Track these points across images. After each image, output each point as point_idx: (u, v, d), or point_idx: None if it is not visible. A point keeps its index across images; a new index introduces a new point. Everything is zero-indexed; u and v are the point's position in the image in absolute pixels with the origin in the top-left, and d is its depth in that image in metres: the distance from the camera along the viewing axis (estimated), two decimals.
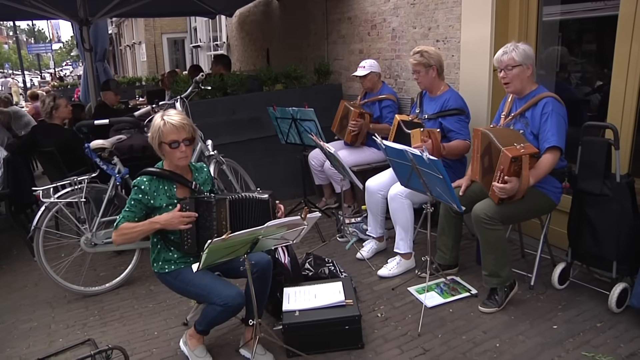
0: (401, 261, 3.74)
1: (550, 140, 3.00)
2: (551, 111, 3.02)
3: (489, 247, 3.13)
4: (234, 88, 5.35)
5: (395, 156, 3.23)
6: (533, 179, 2.96)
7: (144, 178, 2.68)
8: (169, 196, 2.70)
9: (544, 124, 3.04)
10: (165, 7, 8.14)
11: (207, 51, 13.27)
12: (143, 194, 2.65)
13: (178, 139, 2.63)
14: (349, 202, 5.02)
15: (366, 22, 5.58)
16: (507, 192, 2.93)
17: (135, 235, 2.63)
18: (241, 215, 2.72)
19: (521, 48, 3.10)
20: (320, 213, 4.94)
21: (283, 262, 3.31)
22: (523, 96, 3.21)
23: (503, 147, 2.89)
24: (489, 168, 3.07)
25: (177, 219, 2.61)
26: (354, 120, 4.57)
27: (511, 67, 3.11)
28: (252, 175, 4.82)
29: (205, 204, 2.67)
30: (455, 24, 4.36)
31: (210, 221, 2.66)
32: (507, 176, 2.89)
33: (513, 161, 2.85)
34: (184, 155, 2.66)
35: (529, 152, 2.89)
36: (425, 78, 3.82)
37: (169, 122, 2.62)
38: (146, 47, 20.51)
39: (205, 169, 2.94)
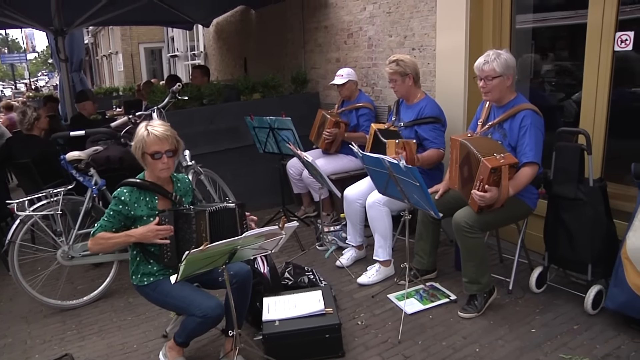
0: (380, 268, 3.75)
1: (528, 156, 3.04)
2: (530, 125, 3.05)
3: (470, 255, 3.15)
4: (211, 98, 5.33)
5: (372, 164, 3.24)
6: (512, 190, 3.00)
7: (124, 189, 2.67)
8: (150, 207, 2.68)
9: (522, 137, 3.07)
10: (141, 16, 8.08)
11: (184, 61, 13.22)
12: (123, 205, 2.63)
13: (160, 150, 2.62)
14: (327, 211, 5.04)
15: (343, 31, 5.62)
16: (486, 201, 2.95)
17: (110, 246, 2.64)
18: (221, 226, 2.71)
19: (503, 58, 3.09)
20: (299, 222, 4.98)
21: (262, 272, 3.30)
22: (502, 105, 3.23)
23: (482, 157, 2.91)
24: (468, 178, 3.09)
25: (153, 232, 2.60)
26: (328, 128, 4.60)
27: (491, 78, 3.11)
28: (230, 185, 4.81)
29: (185, 217, 2.66)
30: (430, 32, 4.41)
31: (190, 233, 2.65)
32: (487, 186, 2.91)
33: (493, 172, 2.87)
34: (166, 167, 2.65)
35: (509, 163, 2.92)
36: (401, 87, 3.85)
37: (152, 133, 2.61)
38: (123, 57, 20.38)
39: (186, 180, 2.93)
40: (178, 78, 8.08)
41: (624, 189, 3.45)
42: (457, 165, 3.19)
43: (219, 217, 2.71)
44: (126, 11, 6.52)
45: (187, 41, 12.81)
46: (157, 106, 4.42)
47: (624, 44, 3.21)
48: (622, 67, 3.39)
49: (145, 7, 6.51)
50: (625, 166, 3.02)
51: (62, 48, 6.60)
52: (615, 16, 3.26)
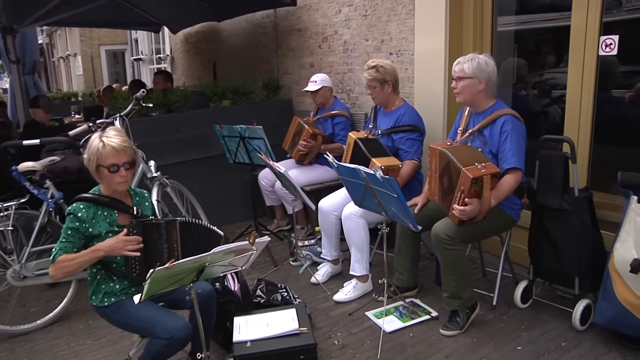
0: (357, 284, 3.77)
1: (510, 162, 3.07)
2: (510, 130, 3.10)
3: (450, 268, 3.18)
4: (178, 105, 5.31)
5: (348, 175, 3.26)
6: (495, 200, 3.03)
7: (80, 204, 2.62)
8: (109, 223, 2.65)
9: (503, 143, 3.12)
10: (103, 17, 7.89)
11: (149, 65, 13.12)
12: (80, 222, 2.59)
13: (118, 163, 2.58)
14: (301, 224, 5.04)
15: (317, 35, 5.67)
16: (467, 214, 2.98)
17: (76, 267, 2.55)
18: (192, 240, 2.70)
19: (476, 61, 3.17)
20: (272, 236, 4.97)
21: (232, 290, 3.29)
22: (481, 111, 3.29)
23: (463, 167, 2.93)
24: (448, 189, 3.11)
25: (122, 243, 2.55)
26: (305, 140, 4.61)
27: (460, 79, 3.21)
28: (198, 198, 4.78)
29: (155, 227, 2.64)
30: (408, 36, 4.47)
31: (160, 244, 2.63)
32: (468, 197, 2.94)
33: (474, 182, 2.89)
34: (124, 180, 2.62)
35: (490, 172, 2.94)
36: (380, 94, 3.89)
37: (108, 144, 2.57)
38: (82, 60, 20.06)
39: (145, 194, 2.90)
40: (142, 83, 8.02)
41: (611, 198, 3.51)
42: (436, 176, 3.22)
43: (191, 229, 2.70)
44: (85, 11, 6.36)
45: (152, 44, 12.73)
46: (120, 113, 4.38)
47: (609, 48, 3.29)
48: (607, 72, 3.46)
49: (106, 7, 6.40)
50: (611, 174, 3.07)
51: (13, 48, 6.42)
52: (599, 19, 3.33)
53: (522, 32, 4.33)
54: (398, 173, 3.64)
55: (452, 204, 3.04)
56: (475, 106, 3.31)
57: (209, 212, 4.78)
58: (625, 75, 3.67)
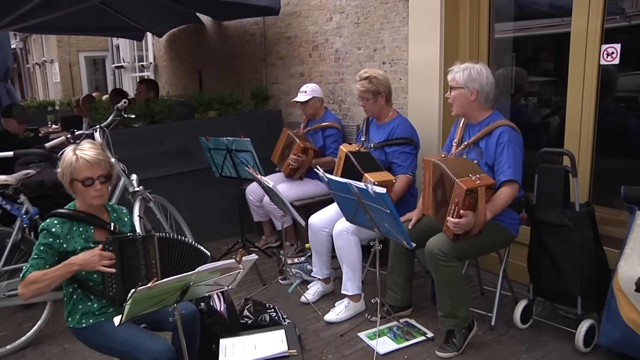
0: (350, 304, 3.78)
1: (506, 174, 3.11)
2: (507, 141, 3.14)
3: (445, 286, 3.19)
4: (161, 115, 5.31)
5: (339, 190, 3.29)
6: (490, 213, 3.05)
7: (54, 220, 2.63)
8: (84, 239, 2.65)
9: (499, 155, 3.16)
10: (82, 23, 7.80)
11: (131, 72, 13.13)
12: (54, 238, 2.59)
13: (92, 176, 2.61)
14: (291, 241, 5.05)
15: (307, 43, 5.71)
16: (462, 227, 3.00)
17: (48, 284, 2.53)
18: (172, 257, 2.71)
19: (469, 71, 3.22)
20: (260, 253, 4.97)
21: (218, 310, 3.29)
22: (476, 123, 3.33)
23: (457, 178, 2.96)
24: (442, 202, 3.13)
25: (97, 257, 2.56)
26: (295, 154, 4.63)
27: (452, 89, 3.27)
28: (183, 213, 4.78)
29: (132, 242, 2.65)
30: (402, 45, 4.52)
31: (138, 261, 2.64)
32: (462, 210, 2.96)
33: (468, 194, 2.92)
34: (99, 194, 2.64)
35: (485, 184, 2.97)
36: (373, 106, 3.92)
37: (82, 157, 2.60)
38: (60, 66, 19.94)
39: (124, 210, 2.91)
40: (124, 93, 8.02)
41: (614, 214, 3.53)
42: (430, 188, 3.25)
43: (170, 245, 2.71)
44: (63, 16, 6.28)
45: (134, 50, 12.74)
46: (100, 125, 4.36)
47: (610, 57, 3.32)
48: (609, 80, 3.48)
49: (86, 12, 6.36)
50: (614, 188, 3.07)
51: None
52: (600, 25, 3.35)
53: (521, 39, 4.36)
54: (392, 189, 3.66)
55: (446, 217, 3.07)
56: (470, 117, 3.35)
57: (194, 228, 4.78)
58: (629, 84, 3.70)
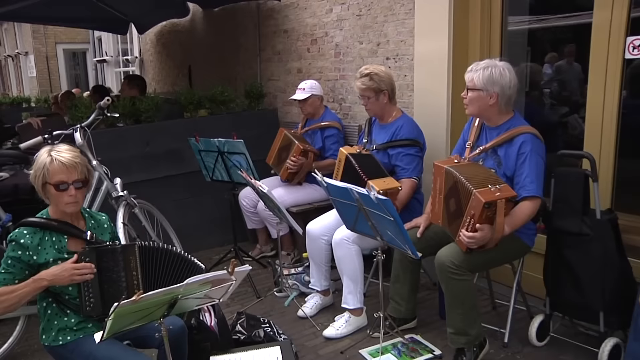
0: (350, 318, 3.79)
1: (529, 189, 3.08)
2: (530, 152, 3.10)
3: (456, 301, 3.17)
4: (148, 114, 5.32)
5: (338, 195, 3.30)
6: (509, 227, 3.01)
7: (23, 230, 2.61)
8: (57, 249, 2.64)
9: (520, 166, 3.12)
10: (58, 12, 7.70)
11: (115, 67, 13.15)
12: (23, 250, 2.57)
13: (67, 180, 2.59)
14: (287, 250, 5.07)
15: (305, 36, 5.74)
16: (477, 242, 2.98)
17: (16, 301, 2.52)
18: (156, 268, 2.71)
19: (489, 71, 3.14)
20: (254, 263, 4.97)
21: (209, 325, 3.30)
22: (495, 126, 3.29)
23: (474, 188, 2.93)
24: (456, 213, 3.11)
25: (68, 271, 2.54)
26: (294, 157, 4.64)
27: (470, 90, 3.22)
28: (171, 220, 4.80)
29: (110, 252, 2.65)
30: (407, 39, 4.53)
31: (117, 272, 2.63)
32: (479, 224, 2.94)
33: (486, 207, 2.87)
34: (73, 201, 2.62)
35: (506, 196, 2.93)
36: (375, 105, 3.94)
37: (57, 160, 2.59)
38: (35, 59, 19.56)
39: (103, 217, 2.91)
40: (106, 89, 8.04)
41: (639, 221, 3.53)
42: (441, 197, 3.22)
43: (153, 255, 2.71)
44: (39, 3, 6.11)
45: (118, 43, 12.75)
46: (81, 124, 4.36)
47: (637, 50, 3.28)
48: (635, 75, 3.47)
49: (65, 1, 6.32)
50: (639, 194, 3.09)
51: None
52: (626, 15, 3.30)
53: (536, 32, 4.34)
54: (397, 196, 3.66)
55: (459, 228, 3.05)
56: (488, 120, 3.32)
57: (182, 236, 4.79)
58: None
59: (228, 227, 5.02)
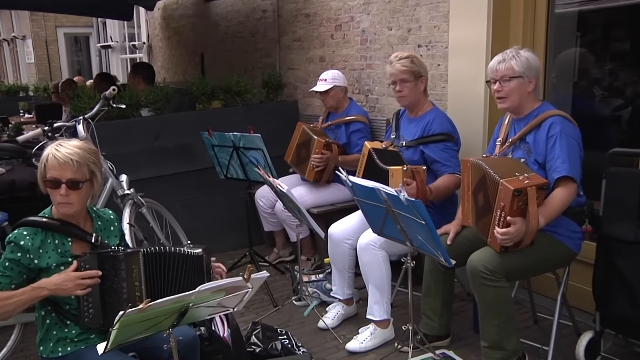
0: (376, 331, 3.78)
1: (560, 169, 3.06)
2: (559, 133, 3.11)
3: (490, 311, 3.15)
4: (157, 106, 5.35)
5: (364, 196, 3.29)
6: (544, 219, 2.98)
7: (23, 231, 2.61)
8: (60, 253, 2.64)
9: (551, 149, 3.12)
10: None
11: (120, 53, 13.22)
12: (23, 253, 2.57)
13: (59, 178, 2.57)
14: (307, 254, 5.08)
15: (329, 22, 5.73)
16: (511, 238, 2.95)
17: (12, 308, 2.53)
18: (161, 275, 2.71)
19: (524, 56, 3.20)
20: (271, 269, 4.99)
21: (221, 336, 3.31)
22: (523, 116, 3.31)
23: (501, 178, 2.94)
24: (484, 208, 3.12)
25: (73, 281, 2.53)
26: (318, 152, 4.63)
27: (508, 79, 3.20)
28: (181, 221, 4.84)
29: (112, 260, 2.63)
30: (441, 24, 4.50)
31: (118, 282, 2.62)
32: (510, 216, 2.92)
33: (516, 195, 2.86)
34: (65, 201, 2.60)
35: (536, 183, 2.92)
36: (412, 91, 3.91)
37: (53, 154, 2.59)
38: (34, 44, 19.42)
39: (111, 216, 2.92)
40: (111, 77, 8.06)
41: None
42: (469, 194, 3.23)
43: (159, 262, 2.71)
44: None
45: (124, 28, 12.80)
46: (84, 115, 4.40)
47: None
48: None
49: None
50: None
51: None
52: None
53: (588, 14, 4.26)
54: (424, 178, 3.64)
55: (490, 226, 3.04)
56: (520, 111, 3.32)
57: (193, 239, 4.70)
58: None
59: (243, 229, 5.04)
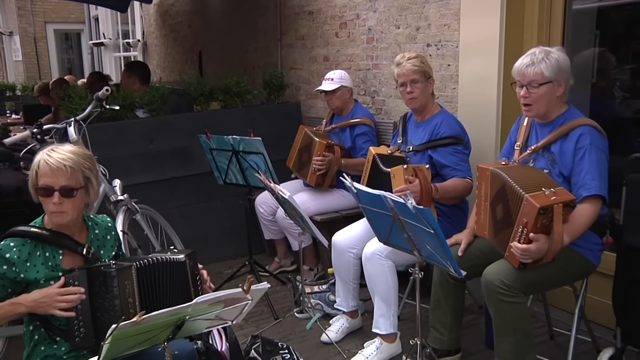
0: (382, 345, 3.78)
1: (589, 187, 3.02)
2: (589, 146, 3.06)
3: (506, 327, 3.12)
4: (152, 107, 5.37)
5: (370, 203, 3.29)
6: (568, 237, 2.94)
7: (10, 242, 2.59)
8: (50, 266, 2.62)
9: (579, 162, 3.08)
10: None
11: (114, 51, 13.24)
12: (8, 265, 2.55)
13: (52, 185, 2.56)
14: (310, 264, 5.09)
15: (333, 19, 5.74)
16: (532, 255, 2.93)
17: None
18: (156, 288, 2.72)
19: (554, 57, 3.11)
20: (272, 279, 4.99)
21: (219, 350, 3.32)
22: (548, 122, 3.26)
23: (526, 192, 2.89)
24: (504, 221, 3.08)
25: (51, 298, 2.50)
26: (319, 155, 4.64)
27: (537, 85, 3.12)
28: (177, 228, 4.84)
29: (102, 276, 2.59)
30: (452, 22, 4.50)
31: (110, 300, 2.59)
32: (533, 233, 2.89)
33: (542, 213, 2.83)
34: (58, 210, 2.58)
35: (563, 200, 2.87)
36: (423, 93, 3.90)
37: (45, 160, 2.57)
38: (22, 41, 19.30)
39: (109, 224, 2.92)
40: (104, 77, 8.09)
41: None
42: (487, 204, 3.20)
43: (153, 274, 2.71)
44: None
45: (118, 24, 12.82)
46: (76, 117, 4.40)
47: None
48: None
49: None
50: None
51: None
52: None
53: (608, 10, 4.26)
54: (428, 176, 3.64)
55: (509, 240, 3.01)
56: (542, 117, 3.28)
57: (190, 247, 4.59)
58: None
59: (242, 237, 5.04)
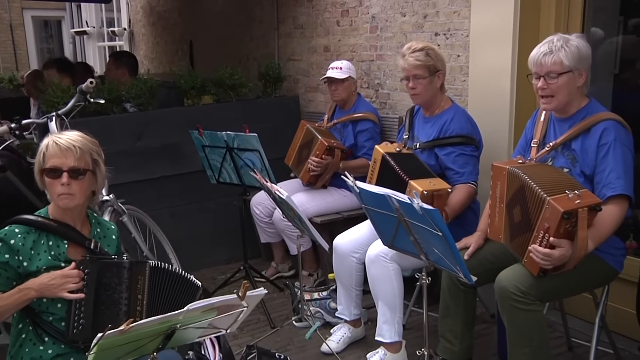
0: (387, 355, 3.78)
1: (615, 186, 3.00)
2: (613, 142, 3.04)
3: (521, 337, 3.11)
4: (140, 101, 5.38)
5: (374, 204, 3.28)
6: (593, 243, 2.91)
7: (15, 229, 2.64)
8: (54, 255, 2.66)
9: (602, 160, 3.05)
10: None
11: (97, 41, 13.19)
12: (12, 253, 2.59)
13: (60, 166, 2.61)
14: (309, 269, 5.10)
15: (334, 6, 5.75)
16: (553, 262, 2.90)
17: None
18: (165, 295, 2.76)
19: (574, 45, 3.08)
20: (269, 285, 5.00)
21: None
22: (567, 116, 3.24)
23: (548, 195, 2.87)
24: (522, 225, 3.06)
25: (60, 279, 2.55)
26: (317, 155, 4.64)
27: (556, 75, 3.10)
28: (167, 231, 4.85)
29: (115, 267, 2.67)
30: (462, 10, 4.50)
31: (119, 293, 2.64)
32: (555, 238, 2.87)
33: (565, 218, 2.79)
34: (66, 192, 2.63)
35: (588, 204, 2.83)
36: (427, 88, 3.89)
37: (54, 142, 2.64)
38: None
39: (113, 230, 2.96)
40: (89, 67, 8.08)
41: None
42: (502, 206, 3.17)
43: (165, 280, 2.75)
44: None
45: (102, 12, 12.76)
46: (57, 111, 4.41)
47: None
48: None
49: None
50: None
51: None
52: None
53: None
54: (446, 201, 3.66)
55: (527, 245, 2.98)
56: (565, 109, 3.25)
57: (181, 251, 4.84)
58: None
59: (237, 240, 5.05)
